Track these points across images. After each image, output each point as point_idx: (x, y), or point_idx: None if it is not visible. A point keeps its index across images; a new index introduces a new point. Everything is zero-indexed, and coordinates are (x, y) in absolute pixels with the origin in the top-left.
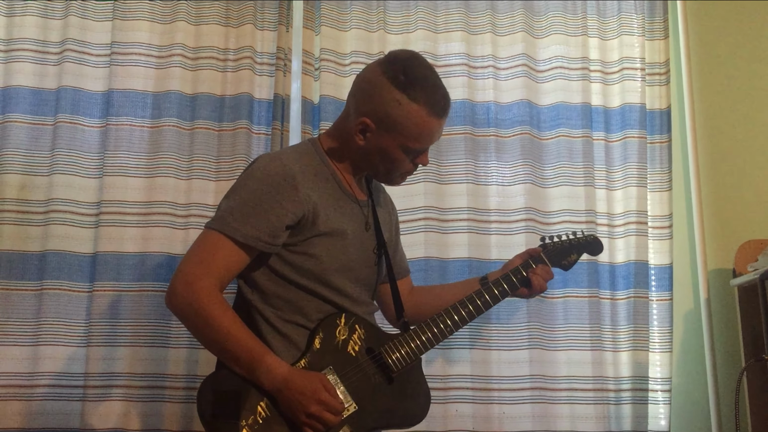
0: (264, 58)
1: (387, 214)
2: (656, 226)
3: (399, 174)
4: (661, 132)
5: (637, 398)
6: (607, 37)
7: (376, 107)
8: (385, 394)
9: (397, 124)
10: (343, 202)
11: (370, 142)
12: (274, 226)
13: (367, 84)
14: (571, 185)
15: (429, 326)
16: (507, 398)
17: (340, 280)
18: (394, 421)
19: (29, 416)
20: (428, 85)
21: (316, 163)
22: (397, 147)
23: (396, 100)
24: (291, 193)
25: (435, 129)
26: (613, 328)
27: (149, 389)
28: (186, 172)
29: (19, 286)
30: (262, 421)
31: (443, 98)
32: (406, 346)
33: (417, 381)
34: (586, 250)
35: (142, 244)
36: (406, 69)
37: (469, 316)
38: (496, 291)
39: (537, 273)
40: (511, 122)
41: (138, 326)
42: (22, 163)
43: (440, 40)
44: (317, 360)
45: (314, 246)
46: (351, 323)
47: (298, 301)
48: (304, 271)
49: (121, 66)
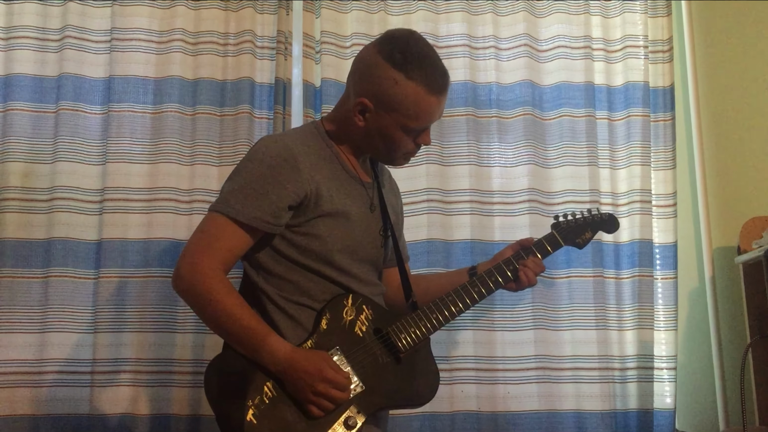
0: (264, 42)
1: (394, 197)
2: (660, 204)
3: (401, 154)
4: (664, 110)
5: (643, 377)
6: (610, 15)
7: (374, 87)
8: (393, 374)
9: (395, 103)
10: (347, 183)
11: (370, 122)
12: (276, 206)
13: (364, 64)
14: (575, 165)
15: (438, 306)
16: (512, 378)
17: (345, 260)
18: (401, 401)
19: (38, 402)
20: (425, 63)
21: (320, 144)
22: (396, 127)
23: (393, 78)
24: (292, 173)
25: (434, 107)
26: (618, 307)
27: (157, 374)
28: (189, 158)
29: (25, 273)
30: (269, 401)
31: (441, 76)
32: (414, 326)
33: (426, 361)
34: (602, 227)
35: (147, 230)
36: (403, 48)
37: (479, 296)
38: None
39: (527, 266)
40: (513, 103)
41: (144, 312)
42: (25, 151)
43: (441, 21)
44: (324, 341)
45: (318, 226)
46: (359, 304)
47: (303, 282)
48: (308, 252)
49: (122, 52)
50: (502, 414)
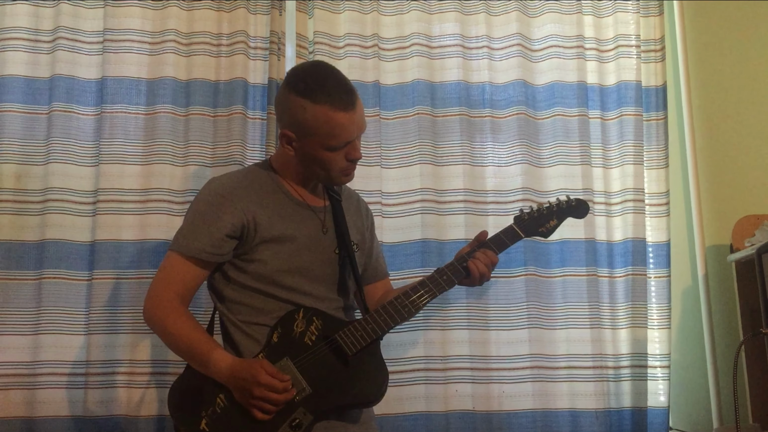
0: (257, 43)
1: (360, 217)
2: (653, 203)
3: (338, 172)
4: (657, 109)
5: (636, 375)
6: (602, 14)
7: (290, 118)
8: (340, 375)
9: (310, 128)
10: (291, 209)
11: (298, 150)
12: (215, 237)
13: (279, 100)
14: (568, 164)
15: (386, 309)
16: (507, 377)
17: (294, 280)
18: (348, 400)
19: (32, 405)
20: (327, 84)
21: (263, 179)
22: (321, 148)
23: (301, 106)
24: (228, 206)
25: (346, 123)
26: (611, 305)
27: (151, 375)
28: (182, 159)
29: (18, 275)
30: (221, 411)
31: (345, 93)
32: (360, 329)
33: (374, 363)
34: (570, 214)
35: (140, 232)
36: (306, 77)
37: (430, 296)
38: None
39: (477, 258)
40: (506, 102)
41: (138, 313)
42: (18, 152)
43: (434, 21)
44: (274, 352)
45: (261, 252)
46: (309, 316)
47: (257, 303)
48: (256, 276)
49: (114, 53)
50: (497, 413)
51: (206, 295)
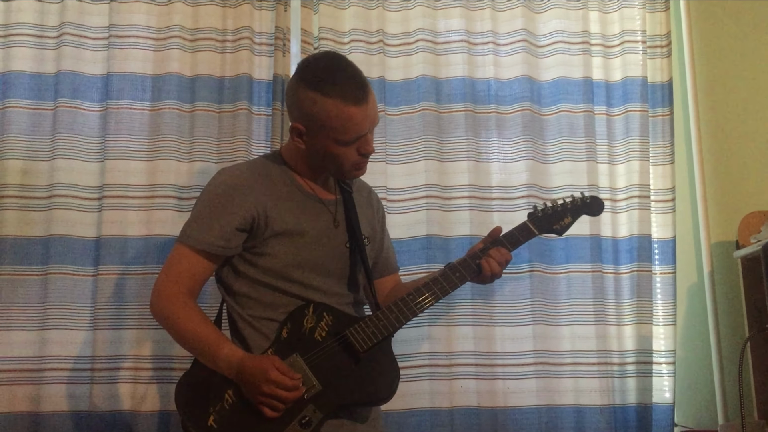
0: (263, 38)
1: (370, 210)
2: (659, 199)
3: (349, 167)
4: (663, 105)
5: (642, 371)
6: (608, 9)
7: (300, 111)
8: (351, 373)
9: (321, 121)
10: (302, 203)
11: (308, 144)
12: (224, 230)
13: (289, 92)
14: (573, 160)
15: (398, 306)
16: (511, 374)
17: (303, 274)
18: (358, 398)
19: (38, 400)
20: (339, 77)
21: (275, 170)
22: (331, 143)
23: (311, 99)
24: (238, 198)
25: (358, 117)
26: (616, 302)
27: (157, 371)
28: (187, 155)
29: (24, 271)
30: (229, 407)
31: (357, 86)
32: (372, 326)
33: (385, 360)
34: (584, 211)
35: (146, 227)
36: (317, 69)
37: (442, 292)
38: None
39: (491, 256)
40: (511, 98)
41: (144, 309)
42: (24, 148)
43: (439, 17)
44: (284, 348)
45: (271, 245)
46: (319, 312)
47: (266, 298)
48: (266, 270)
49: (120, 49)
50: (502, 409)
51: (212, 289)
